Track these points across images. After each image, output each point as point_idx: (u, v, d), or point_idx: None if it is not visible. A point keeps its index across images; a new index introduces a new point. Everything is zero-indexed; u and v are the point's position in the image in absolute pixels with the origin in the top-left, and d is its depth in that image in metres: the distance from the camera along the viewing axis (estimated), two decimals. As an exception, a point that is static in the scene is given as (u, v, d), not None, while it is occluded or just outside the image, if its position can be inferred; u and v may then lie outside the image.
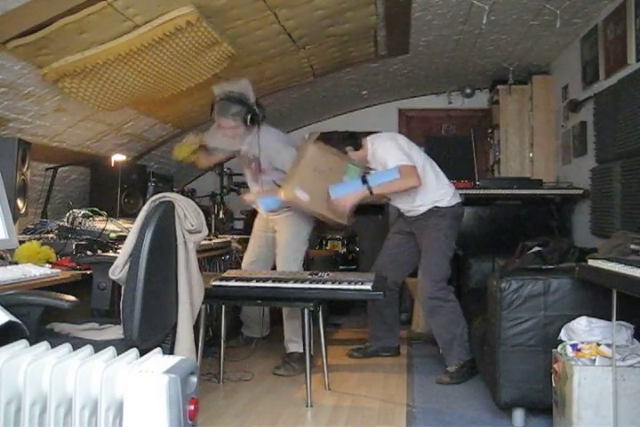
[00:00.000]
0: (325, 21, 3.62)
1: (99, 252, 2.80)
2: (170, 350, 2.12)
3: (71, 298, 1.81)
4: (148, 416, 1.33)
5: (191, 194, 4.81)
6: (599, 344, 2.33)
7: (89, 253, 2.74)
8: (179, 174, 5.44)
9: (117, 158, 3.92)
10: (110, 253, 2.71)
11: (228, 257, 4.26)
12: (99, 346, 1.59)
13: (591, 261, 2.34)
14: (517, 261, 3.48)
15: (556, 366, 2.44)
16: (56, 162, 3.63)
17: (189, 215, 2.17)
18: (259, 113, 3.43)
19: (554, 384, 2.47)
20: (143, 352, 1.56)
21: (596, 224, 4.15)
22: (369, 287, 2.97)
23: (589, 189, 4.29)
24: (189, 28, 2.90)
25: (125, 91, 3.26)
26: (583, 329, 2.41)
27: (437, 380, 3.35)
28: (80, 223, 2.98)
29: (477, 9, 3.76)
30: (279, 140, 3.59)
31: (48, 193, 3.60)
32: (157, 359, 1.47)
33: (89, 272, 2.45)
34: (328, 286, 3.00)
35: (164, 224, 2.04)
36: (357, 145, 3.51)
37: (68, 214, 3.02)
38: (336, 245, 5.48)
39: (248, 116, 3.38)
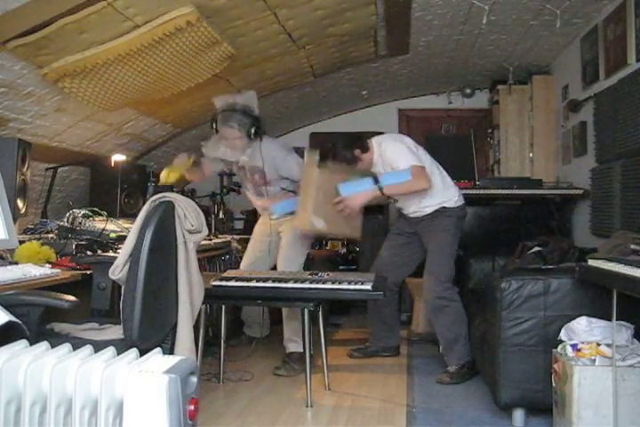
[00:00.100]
0: (325, 21, 3.62)
1: (99, 252, 2.80)
2: (170, 350, 2.12)
3: (71, 298, 1.81)
4: (148, 416, 1.33)
5: (191, 194, 4.81)
6: (599, 344, 2.33)
7: (89, 253, 2.74)
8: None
9: (117, 158, 3.92)
10: (110, 253, 2.71)
11: (227, 257, 4.26)
12: (99, 346, 1.59)
13: (591, 261, 2.34)
14: (517, 261, 3.48)
15: (555, 366, 2.44)
16: (56, 162, 3.63)
17: (189, 215, 2.17)
18: (262, 126, 3.46)
19: (554, 384, 2.47)
20: (143, 352, 1.56)
21: (596, 224, 4.15)
22: (369, 287, 2.96)
23: (589, 189, 4.29)
24: (189, 28, 2.90)
25: (125, 91, 3.26)
26: (583, 329, 2.41)
27: (437, 380, 3.35)
28: (80, 223, 2.98)
29: (477, 9, 3.76)
30: (282, 149, 3.63)
31: (48, 193, 3.60)
32: (157, 359, 1.47)
33: (89, 272, 2.45)
34: (328, 285, 3.00)
35: (164, 224, 2.04)
36: (365, 148, 3.48)
37: (67, 214, 3.02)
38: (336, 245, 5.49)
39: (252, 129, 3.39)
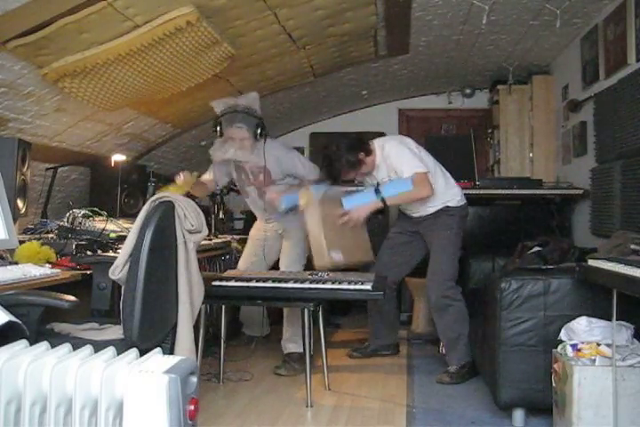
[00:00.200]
0: (325, 21, 3.61)
1: (99, 252, 2.80)
2: (170, 350, 2.12)
3: (71, 298, 1.81)
4: (148, 416, 1.33)
5: (191, 194, 4.80)
6: (599, 344, 2.33)
7: (89, 253, 2.74)
8: (179, 174, 5.43)
9: (117, 158, 3.92)
10: (110, 253, 2.71)
11: (228, 257, 4.26)
12: (99, 346, 1.59)
13: (591, 261, 2.35)
14: (517, 261, 3.47)
15: (556, 366, 2.44)
16: (56, 162, 3.63)
17: (189, 215, 2.17)
18: (265, 127, 3.47)
19: (554, 384, 2.47)
20: (143, 352, 1.56)
21: (596, 224, 4.15)
22: (369, 287, 2.96)
23: (589, 189, 4.29)
24: (189, 28, 2.90)
25: (125, 91, 3.26)
26: (583, 329, 2.41)
27: (437, 380, 3.35)
28: (80, 223, 2.98)
29: (477, 9, 3.76)
30: (283, 147, 3.65)
31: (48, 193, 3.60)
32: (157, 359, 1.47)
33: (89, 272, 2.45)
34: (328, 285, 3.00)
35: (164, 224, 2.04)
36: (368, 151, 3.45)
37: (67, 214, 3.02)
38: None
39: (258, 129, 3.40)
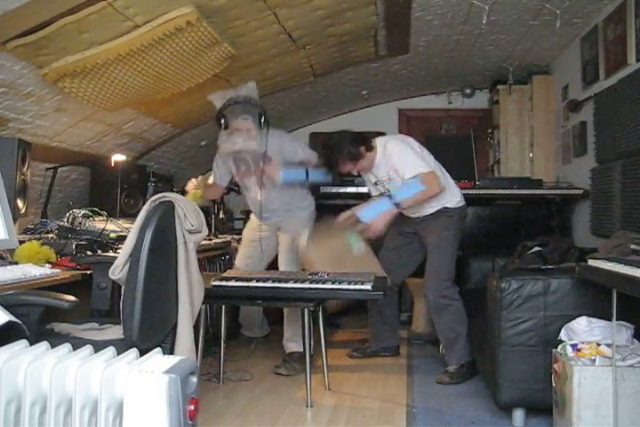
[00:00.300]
0: (325, 21, 3.61)
1: (99, 252, 2.80)
2: (170, 350, 2.12)
3: (71, 298, 1.82)
4: (148, 416, 1.33)
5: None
6: (599, 344, 2.33)
7: (89, 253, 2.74)
8: (179, 174, 5.44)
9: (117, 158, 3.92)
10: (110, 253, 2.71)
11: (228, 257, 4.26)
12: (99, 346, 1.59)
13: (591, 261, 2.34)
14: (517, 261, 3.48)
15: (555, 366, 2.44)
16: (56, 162, 3.63)
17: (189, 215, 2.17)
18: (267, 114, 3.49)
19: (554, 384, 2.47)
20: (143, 352, 1.56)
21: (596, 224, 4.15)
22: (369, 287, 2.96)
23: (589, 189, 4.29)
24: (189, 28, 2.90)
25: (125, 91, 3.26)
26: (583, 329, 2.41)
27: (437, 380, 3.35)
28: (80, 223, 2.98)
29: (477, 9, 3.76)
30: (284, 134, 3.72)
31: (48, 193, 3.60)
32: (157, 359, 1.47)
33: (89, 272, 2.45)
34: (328, 285, 3.00)
35: (164, 224, 2.04)
36: (369, 147, 3.44)
37: (67, 214, 3.02)
38: (336, 245, 5.47)
39: (262, 118, 3.41)
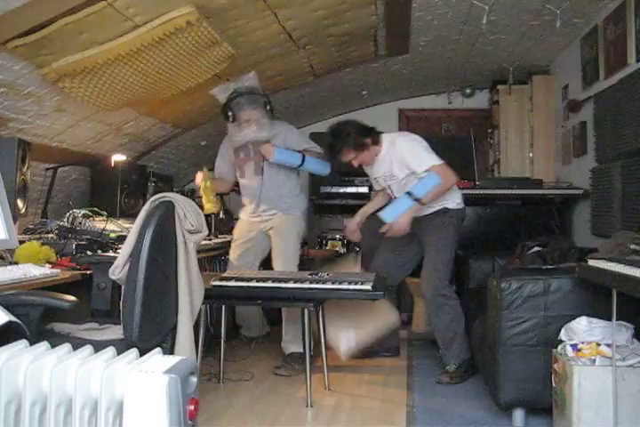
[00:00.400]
0: (325, 21, 3.61)
1: (99, 252, 2.80)
2: (170, 350, 2.12)
3: (71, 298, 1.82)
4: (148, 416, 1.33)
5: (191, 194, 4.81)
6: (599, 344, 2.33)
7: (89, 253, 2.75)
8: (179, 174, 5.44)
9: (117, 158, 3.92)
10: (110, 253, 2.71)
11: (227, 257, 4.25)
12: (99, 346, 1.59)
13: (591, 261, 2.34)
14: (517, 261, 3.48)
15: (555, 366, 2.44)
16: (56, 162, 3.63)
17: (189, 215, 2.17)
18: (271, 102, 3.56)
19: (554, 384, 2.47)
20: (143, 352, 1.56)
21: (596, 224, 4.15)
22: (369, 287, 2.96)
23: (589, 189, 4.29)
24: (189, 28, 2.89)
25: (125, 91, 3.26)
26: (583, 329, 2.41)
27: (437, 380, 3.35)
28: (80, 223, 2.98)
29: (477, 9, 3.76)
30: (284, 123, 3.76)
31: (48, 193, 3.60)
32: (157, 359, 1.47)
33: (89, 272, 2.46)
34: (328, 285, 3.00)
35: (163, 224, 2.04)
36: (376, 141, 3.45)
37: (67, 214, 3.02)
38: (336, 245, 5.48)
39: (268, 106, 3.48)
